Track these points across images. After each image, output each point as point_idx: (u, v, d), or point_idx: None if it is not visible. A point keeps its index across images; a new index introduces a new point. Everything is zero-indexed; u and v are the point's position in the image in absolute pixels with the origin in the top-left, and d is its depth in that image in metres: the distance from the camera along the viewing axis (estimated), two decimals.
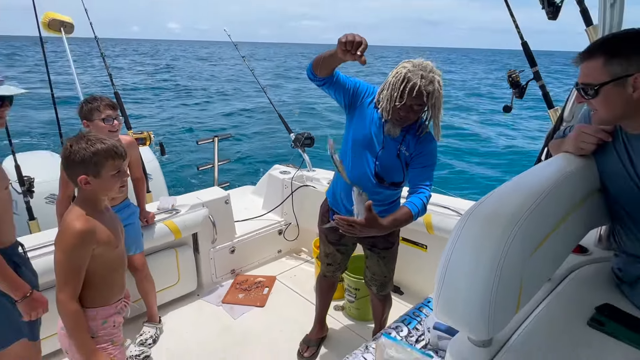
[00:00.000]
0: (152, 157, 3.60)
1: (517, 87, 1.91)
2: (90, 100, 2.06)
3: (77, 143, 1.29)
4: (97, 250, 1.35)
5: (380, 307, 2.15)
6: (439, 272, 0.95)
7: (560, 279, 1.40)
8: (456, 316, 0.93)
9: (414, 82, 1.46)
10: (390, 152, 1.69)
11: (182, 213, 2.65)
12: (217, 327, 2.51)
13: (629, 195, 1.26)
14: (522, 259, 0.93)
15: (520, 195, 1.02)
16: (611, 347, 1.07)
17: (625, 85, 1.07)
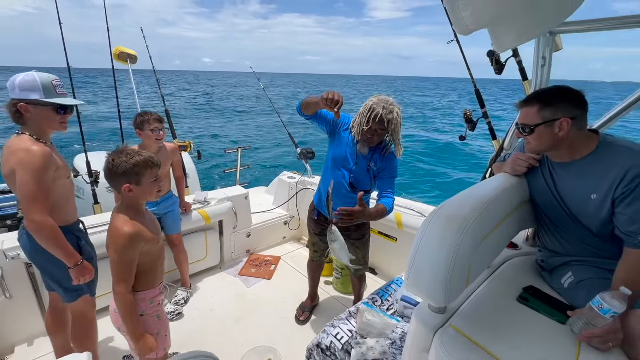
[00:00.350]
0: (189, 159, 3.60)
1: (470, 122, 1.96)
2: (142, 114, 2.06)
3: (118, 157, 1.22)
4: (144, 247, 1.28)
5: (357, 283, 2.18)
6: (410, 255, 0.98)
7: (497, 266, 1.43)
8: (422, 288, 0.96)
9: (377, 111, 1.52)
10: (361, 168, 1.73)
11: (212, 204, 2.65)
12: (234, 293, 2.51)
13: (551, 206, 1.30)
14: (471, 249, 0.97)
15: (471, 202, 1.06)
16: (532, 317, 1.11)
17: (553, 126, 1.12)
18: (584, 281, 1.19)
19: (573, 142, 1.16)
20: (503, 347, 0.96)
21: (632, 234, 1.06)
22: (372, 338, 1.52)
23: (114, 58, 3.01)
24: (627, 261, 1.07)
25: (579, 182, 1.18)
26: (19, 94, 1.34)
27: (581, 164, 1.17)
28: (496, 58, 1.68)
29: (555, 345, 0.98)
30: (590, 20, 1.38)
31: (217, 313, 2.29)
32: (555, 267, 1.33)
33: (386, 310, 1.72)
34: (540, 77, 1.51)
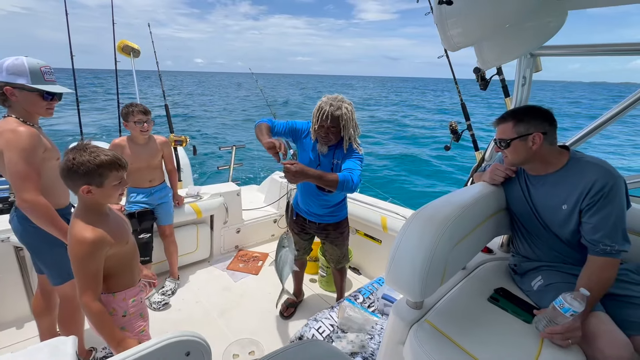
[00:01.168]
0: (184, 154, 3.60)
1: (455, 134, 2.04)
2: (128, 105, 2.05)
3: (80, 155, 1.05)
4: (111, 251, 1.14)
5: (338, 276, 2.21)
6: (392, 252, 1.04)
7: (472, 269, 1.49)
8: (400, 283, 1.01)
9: (324, 109, 1.55)
10: (326, 167, 1.72)
11: (204, 199, 2.67)
12: (221, 287, 2.52)
13: (526, 215, 1.37)
14: (448, 249, 1.03)
15: (450, 206, 1.12)
16: (502, 316, 1.18)
17: (527, 140, 1.21)
18: (552, 284, 1.26)
19: (546, 156, 1.24)
20: (472, 342, 1.02)
21: (595, 242, 1.14)
22: (352, 333, 1.57)
23: (118, 51, 3.01)
24: (589, 267, 1.15)
25: (551, 194, 1.26)
26: (6, 77, 1.32)
27: (554, 177, 1.26)
28: (482, 75, 1.76)
29: (520, 342, 1.04)
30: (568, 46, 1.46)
31: (203, 305, 2.30)
32: (527, 271, 1.40)
33: (367, 308, 1.76)
34: (520, 95, 1.59)
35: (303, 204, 1.89)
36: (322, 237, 2.01)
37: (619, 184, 1.13)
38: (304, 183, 1.81)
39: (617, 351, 0.94)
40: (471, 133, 2.03)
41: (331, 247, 2.03)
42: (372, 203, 2.76)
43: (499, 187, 1.43)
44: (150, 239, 2.17)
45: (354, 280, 2.81)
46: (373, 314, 1.62)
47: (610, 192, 1.12)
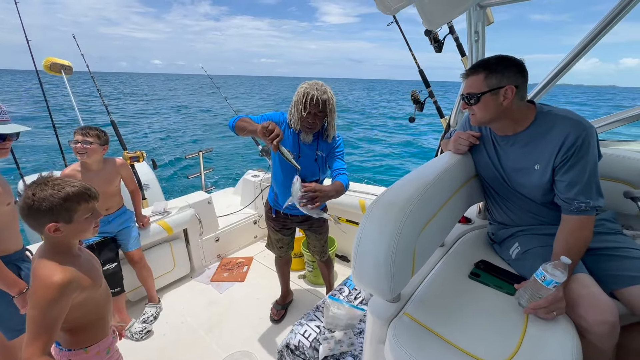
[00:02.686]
0: (148, 170, 3.37)
1: (418, 103, 1.93)
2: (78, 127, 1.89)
3: (42, 190, 0.93)
4: (81, 296, 1.01)
5: (325, 268, 2.14)
6: (354, 249, 0.93)
7: (452, 244, 1.42)
8: (366, 282, 0.91)
9: (312, 94, 1.47)
10: (308, 158, 1.66)
11: (173, 214, 2.50)
12: (206, 301, 2.40)
13: (495, 180, 1.29)
14: (414, 235, 0.93)
15: (412, 186, 1.01)
16: (484, 292, 1.10)
17: (498, 94, 1.08)
18: (529, 251, 1.20)
19: (515, 113, 1.14)
20: (454, 329, 0.94)
21: (570, 200, 1.06)
22: (340, 331, 1.48)
23: (46, 70, 2.72)
24: (565, 228, 1.08)
25: (522, 154, 1.17)
26: None
27: (523, 136, 1.16)
28: (434, 37, 1.64)
29: (505, 320, 0.97)
30: None
31: (189, 324, 2.18)
32: (504, 239, 1.33)
33: (354, 300, 1.68)
34: (475, 52, 1.49)
35: (283, 200, 1.76)
36: (305, 227, 1.93)
37: (591, 134, 1.05)
38: (281, 176, 1.71)
39: (600, 316, 0.87)
40: (434, 100, 1.93)
41: (314, 238, 1.96)
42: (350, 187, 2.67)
43: (466, 155, 1.34)
44: (117, 268, 2.01)
45: (343, 268, 2.74)
46: (359, 307, 1.54)
47: (583, 145, 1.03)
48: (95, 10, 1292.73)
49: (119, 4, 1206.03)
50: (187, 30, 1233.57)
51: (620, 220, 1.27)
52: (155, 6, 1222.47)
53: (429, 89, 1.92)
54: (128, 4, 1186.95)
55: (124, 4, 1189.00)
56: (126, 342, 2.04)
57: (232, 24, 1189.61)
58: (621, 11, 1.18)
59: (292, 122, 1.59)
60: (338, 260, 2.83)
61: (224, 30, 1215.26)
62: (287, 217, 1.87)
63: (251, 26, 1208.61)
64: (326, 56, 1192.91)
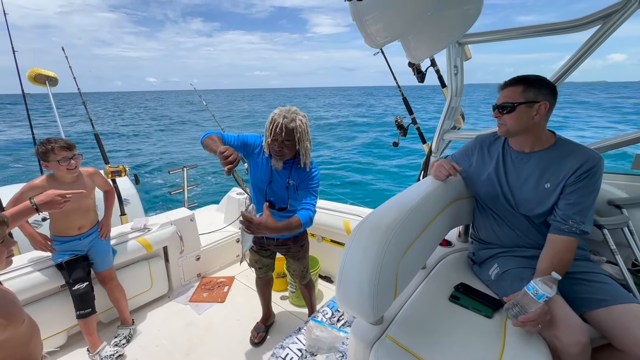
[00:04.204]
0: (129, 185, 3.30)
1: (402, 129, 2.02)
2: (45, 142, 1.73)
3: None
4: (1, 336, 0.90)
5: (306, 291, 2.12)
6: (338, 273, 0.95)
7: (433, 266, 1.45)
8: (350, 304, 0.92)
9: (278, 121, 1.46)
10: (279, 185, 1.64)
11: (153, 230, 2.44)
12: (184, 323, 2.30)
13: (492, 195, 1.34)
14: (397, 258, 0.96)
15: (394, 211, 1.05)
16: (464, 314, 1.13)
17: (532, 108, 1.17)
18: (508, 271, 1.25)
19: (540, 131, 1.23)
20: (435, 351, 0.95)
21: (566, 217, 1.14)
22: (322, 354, 1.47)
23: (30, 81, 2.67)
24: (552, 248, 1.14)
25: (534, 172, 1.25)
26: None
27: (541, 155, 1.24)
28: (417, 68, 1.74)
29: (484, 340, 1.00)
30: (492, 32, 1.48)
31: (165, 347, 2.08)
32: (485, 259, 1.38)
33: (337, 322, 1.67)
34: (455, 84, 1.59)
35: None
36: (283, 252, 1.91)
37: (602, 166, 1.16)
38: (255, 196, 1.72)
39: (574, 337, 0.92)
40: (416, 126, 2.02)
41: (293, 262, 1.94)
42: (333, 208, 2.70)
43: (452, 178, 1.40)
44: (88, 287, 1.91)
45: (327, 289, 2.72)
46: (341, 330, 1.54)
47: (596, 173, 1.14)
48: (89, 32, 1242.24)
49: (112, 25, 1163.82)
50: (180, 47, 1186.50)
51: (588, 246, 1.35)
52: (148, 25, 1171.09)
53: (412, 116, 2.02)
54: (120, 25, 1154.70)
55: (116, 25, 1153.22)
56: None
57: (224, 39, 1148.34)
58: None
59: (265, 145, 1.58)
60: (321, 282, 2.81)
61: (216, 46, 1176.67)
62: (262, 239, 1.85)
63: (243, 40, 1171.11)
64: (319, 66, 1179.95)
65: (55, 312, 1.96)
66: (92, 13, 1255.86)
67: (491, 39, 1.44)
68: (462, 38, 1.47)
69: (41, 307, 1.92)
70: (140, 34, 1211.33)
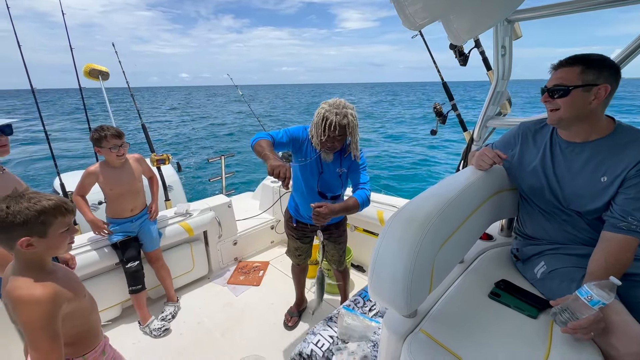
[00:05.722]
0: (172, 172, 3.51)
1: (441, 116, 1.91)
2: (99, 129, 1.88)
3: (17, 203, 0.90)
4: (68, 308, 0.98)
5: (341, 277, 2.14)
6: (371, 263, 0.93)
7: (471, 261, 1.38)
8: (383, 296, 0.91)
9: (330, 119, 1.44)
10: (331, 174, 1.67)
11: (194, 216, 2.58)
12: (222, 303, 2.45)
13: (538, 189, 1.24)
14: (433, 251, 0.92)
15: (433, 200, 1.01)
16: (505, 313, 1.07)
17: (590, 92, 1.03)
18: (557, 271, 1.15)
19: (597, 118, 1.08)
20: (472, 350, 0.91)
21: (625, 214, 1.01)
22: (354, 342, 1.48)
23: (85, 76, 2.91)
24: (606, 247, 1.03)
25: (590, 164, 1.11)
26: None
27: (597, 145, 1.10)
28: (459, 50, 1.63)
29: (526, 343, 0.94)
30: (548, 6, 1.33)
31: (205, 325, 2.23)
32: (530, 256, 1.29)
33: (368, 312, 1.67)
34: (502, 66, 1.46)
35: (304, 211, 1.83)
36: (325, 237, 1.92)
37: None
38: (302, 189, 1.76)
39: (633, 347, 0.83)
40: (457, 113, 1.91)
41: (333, 247, 1.97)
42: None
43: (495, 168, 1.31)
44: (139, 266, 2.09)
45: (359, 278, 2.72)
46: (374, 319, 1.53)
47: None
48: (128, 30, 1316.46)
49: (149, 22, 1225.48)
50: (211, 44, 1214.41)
51: None
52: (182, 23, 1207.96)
53: (452, 102, 1.90)
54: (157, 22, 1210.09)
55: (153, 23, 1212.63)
56: (146, 339, 2.11)
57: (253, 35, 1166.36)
58: None
59: (313, 141, 1.59)
60: (353, 270, 2.81)
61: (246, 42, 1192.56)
62: (306, 226, 1.90)
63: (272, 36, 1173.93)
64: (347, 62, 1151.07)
65: (111, 287, 2.17)
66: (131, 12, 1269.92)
67: (547, 14, 1.29)
68: (512, 14, 1.33)
69: (99, 282, 2.13)
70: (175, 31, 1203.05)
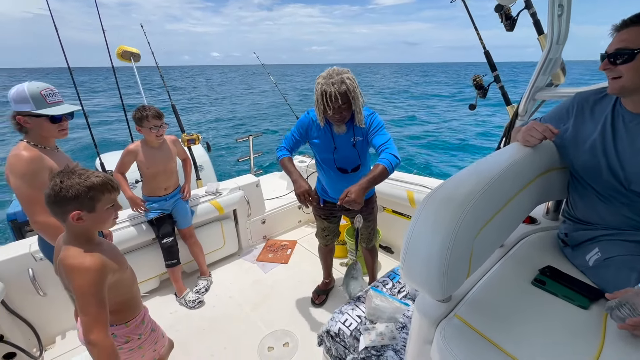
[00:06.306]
0: (203, 152, 3.60)
1: (481, 89, 1.75)
2: (141, 109, 1.96)
3: (69, 178, 0.97)
4: (113, 278, 1.07)
5: (369, 256, 2.12)
6: (404, 243, 0.88)
7: (512, 245, 1.29)
8: (416, 280, 0.86)
9: (329, 91, 1.39)
10: (346, 147, 1.62)
11: (224, 195, 2.64)
12: (251, 280, 2.52)
13: (593, 168, 1.10)
14: (472, 234, 0.85)
15: (474, 179, 0.92)
16: (550, 302, 0.98)
17: None
18: (613, 259, 1.03)
19: None
20: (512, 339, 0.85)
21: None
22: (382, 323, 1.46)
23: (118, 57, 3.00)
24: None
25: None
26: (15, 107, 1.36)
27: None
28: (506, 13, 1.45)
29: (575, 336, 0.86)
30: None
31: (236, 299, 2.32)
32: (581, 242, 1.16)
33: (397, 293, 1.64)
34: (557, 28, 1.29)
35: (332, 192, 1.82)
36: (353, 214, 1.91)
37: None
38: (323, 169, 1.76)
39: None
40: (499, 85, 1.73)
41: (362, 225, 1.93)
42: (397, 177, 2.58)
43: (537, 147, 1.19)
44: (173, 242, 2.19)
45: (386, 260, 2.69)
46: (403, 302, 1.50)
47: None
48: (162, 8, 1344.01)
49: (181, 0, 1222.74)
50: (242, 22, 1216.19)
51: None
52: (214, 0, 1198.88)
53: (494, 73, 1.73)
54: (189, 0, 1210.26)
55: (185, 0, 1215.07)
56: (182, 309, 2.25)
57: (284, 13, 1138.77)
58: None
59: (319, 119, 1.56)
60: (381, 251, 2.78)
61: (276, 20, 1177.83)
62: (334, 205, 1.87)
63: (302, 13, 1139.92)
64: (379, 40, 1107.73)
65: (149, 261, 2.30)
66: None
67: None
68: None
69: (139, 255, 2.27)
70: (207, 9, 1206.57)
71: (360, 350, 1.35)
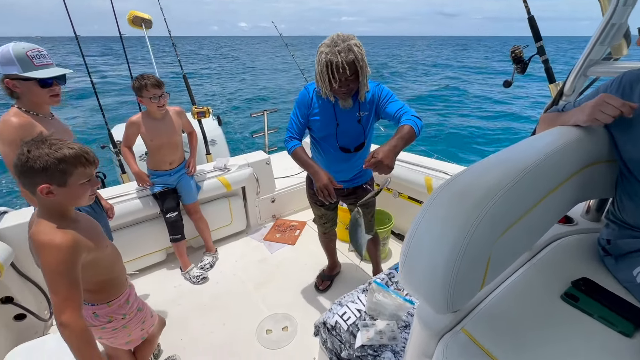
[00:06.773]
0: (215, 126, 3.51)
1: (520, 63, 1.49)
2: (139, 78, 1.86)
3: (38, 148, 0.88)
4: (88, 257, 0.99)
5: (371, 245, 2.00)
6: (405, 243, 0.72)
7: (540, 247, 1.09)
8: (417, 290, 0.71)
9: (335, 61, 1.22)
10: (350, 123, 1.47)
11: (232, 171, 2.57)
12: (257, 259, 2.48)
13: None
14: (491, 239, 0.68)
15: (497, 173, 0.74)
16: (583, 323, 0.80)
17: None
18: None
19: None
20: None
21: None
22: (383, 320, 1.34)
23: (129, 23, 2.90)
24: None
25: None
26: (2, 70, 1.28)
27: None
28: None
29: None
30: None
31: (240, 278, 2.28)
32: (628, 252, 0.96)
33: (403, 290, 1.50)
34: None
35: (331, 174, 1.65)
36: (351, 201, 1.78)
37: None
38: (321, 149, 1.61)
39: None
40: (543, 59, 1.46)
41: (362, 213, 1.80)
42: (415, 161, 2.38)
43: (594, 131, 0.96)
44: (178, 217, 2.15)
45: (398, 247, 2.55)
46: (406, 299, 1.36)
47: None
48: None
49: None
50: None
51: None
52: None
53: (538, 44, 1.45)
54: None
55: None
56: (186, 283, 2.24)
57: None
58: None
59: (324, 92, 1.38)
60: (393, 239, 2.63)
61: None
62: None
63: None
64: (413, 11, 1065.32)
65: (156, 234, 2.29)
66: None
67: None
68: None
69: (146, 228, 2.26)
70: None
71: (356, 348, 1.24)
